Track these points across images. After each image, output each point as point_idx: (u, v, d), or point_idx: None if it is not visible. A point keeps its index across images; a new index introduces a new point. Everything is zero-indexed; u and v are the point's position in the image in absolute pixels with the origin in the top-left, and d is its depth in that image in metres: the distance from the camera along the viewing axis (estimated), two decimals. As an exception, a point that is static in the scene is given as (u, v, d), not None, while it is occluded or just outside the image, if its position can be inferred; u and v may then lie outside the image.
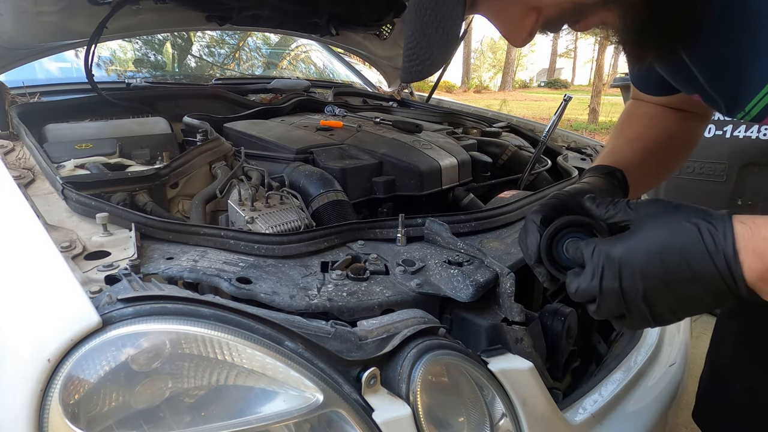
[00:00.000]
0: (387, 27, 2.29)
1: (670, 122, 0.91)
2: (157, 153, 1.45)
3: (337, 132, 1.58)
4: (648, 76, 0.87)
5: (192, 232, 0.85)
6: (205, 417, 0.57)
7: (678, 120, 0.91)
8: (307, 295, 0.73)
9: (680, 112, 0.91)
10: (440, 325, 0.72)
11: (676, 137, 0.91)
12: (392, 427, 0.60)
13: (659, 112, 0.91)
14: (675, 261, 0.52)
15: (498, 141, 1.77)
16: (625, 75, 3.03)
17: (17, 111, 1.42)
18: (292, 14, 2.01)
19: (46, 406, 0.51)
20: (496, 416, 0.71)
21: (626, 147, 0.89)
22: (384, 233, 0.97)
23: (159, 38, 2.60)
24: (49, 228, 0.82)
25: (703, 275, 0.50)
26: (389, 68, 2.68)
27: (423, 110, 2.22)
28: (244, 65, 2.97)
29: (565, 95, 1.60)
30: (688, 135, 0.94)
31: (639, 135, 0.90)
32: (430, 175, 1.34)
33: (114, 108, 1.65)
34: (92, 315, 0.55)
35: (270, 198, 1.08)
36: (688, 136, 0.94)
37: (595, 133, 9.22)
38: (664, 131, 0.90)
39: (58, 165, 1.21)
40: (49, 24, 1.55)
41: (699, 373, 1.16)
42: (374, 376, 0.62)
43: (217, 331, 0.57)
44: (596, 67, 12.80)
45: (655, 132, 0.90)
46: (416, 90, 2.79)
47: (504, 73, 26.79)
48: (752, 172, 2.29)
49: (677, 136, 0.91)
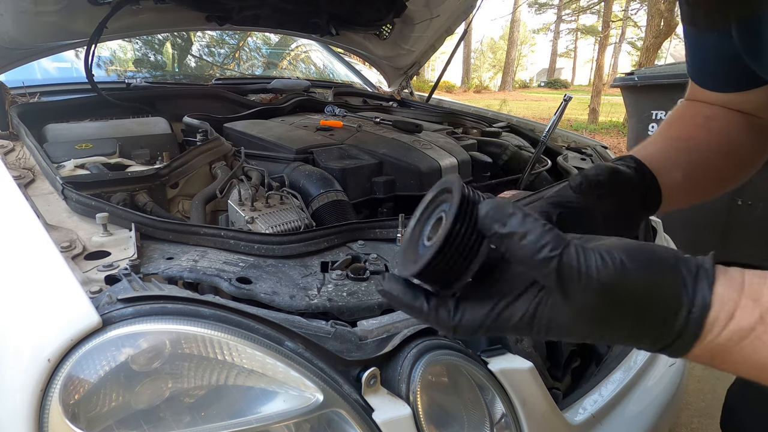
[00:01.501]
0: (387, 27, 2.29)
1: (732, 126, 0.72)
2: (157, 153, 1.46)
3: (337, 132, 1.58)
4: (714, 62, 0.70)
5: (192, 232, 0.85)
6: (205, 417, 0.57)
7: (743, 126, 0.72)
8: (307, 295, 0.73)
9: (746, 117, 0.72)
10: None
11: (739, 143, 0.72)
12: (392, 427, 0.60)
13: (719, 113, 0.73)
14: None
15: (498, 141, 1.77)
16: (626, 75, 3.03)
17: (17, 111, 1.42)
18: (292, 14, 2.01)
19: (46, 406, 0.51)
20: (496, 416, 0.71)
21: (660, 140, 0.71)
22: (384, 233, 0.97)
23: (159, 38, 2.60)
24: (49, 228, 0.82)
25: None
26: (389, 68, 2.68)
27: (423, 110, 2.22)
28: (244, 65, 2.97)
29: (565, 95, 1.60)
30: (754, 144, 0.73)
31: (690, 135, 0.72)
32: (430, 175, 1.34)
33: (114, 108, 1.65)
34: (92, 315, 0.55)
35: (270, 198, 1.08)
36: (753, 145, 0.73)
37: (595, 133, 9.22)
38: (725, 134, 0.71)
39: (58, 165, 1.21)
40: (49, 24, 1.55)
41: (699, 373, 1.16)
42: (374, 376, 0.62)
43: (217, 331, 0.57)
44: (596, 67, 12.80)
45: (711, 135, 0.71)
46: (416, 90, 2.79)
47: (504, 73, 26.81)
48: (752, 172, 2.29)
49: (740, 142, 0.72)
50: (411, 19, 2.27)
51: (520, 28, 31.94)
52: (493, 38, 50.40)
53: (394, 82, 2.72)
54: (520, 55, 44.40)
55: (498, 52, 46.81)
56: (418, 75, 2.82)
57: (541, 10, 26.50)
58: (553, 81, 33.05)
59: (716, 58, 0.69)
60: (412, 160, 1.35)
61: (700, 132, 0.72)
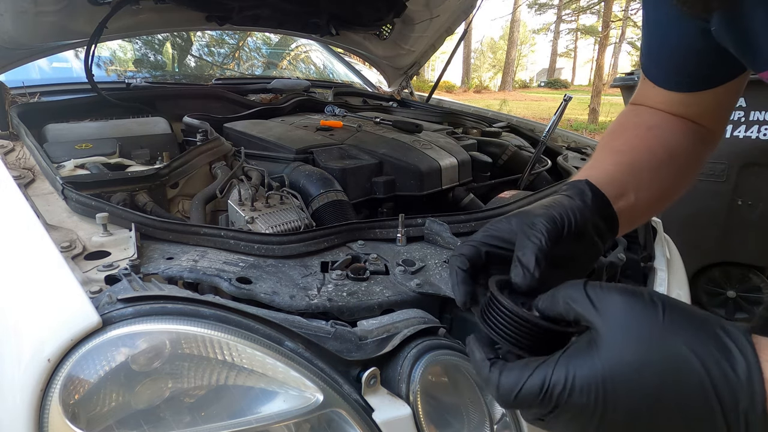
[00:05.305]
0: (387, 27, 2.30)
1: (672, 134, 0.71)
2: (157, 153, 1.46)
3: (337, 132, 1.58)
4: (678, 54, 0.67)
5: (192, 232, 0.85)
6: (205, 417, 0.57)
7: (684, 133, 0.71)
8: (307, 295, 0.73)
9: (688, 125, 0.72)
10: (440, 325, 0.72)
11: (679, 152, 0.70)
12: (392, 427, 0.60)
13: (661, 121, 0.72)
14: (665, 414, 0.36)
15: (498, 141, 1.77)
16: (626, 75, 3.03)
17: (17, 111, 1.42)
18: (292, 14, 2.01)
19: (46, 406, 0.51)
20: (496, 416, 0.71)
21: (609, 159, 0.68)
22: (384, 233, 0.97)
23: (159, 38, 2.60)
24: (49, 228, 0.82)
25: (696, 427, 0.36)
26: (389, 68, 2.68)
27: (423, 110, 2.22)
28: (244, 65, 2.97)
29: (565, 95, 1.61)
30: (694, 152, 0.73)
31: (630, 146, 0.70)
32: (430, 175, 1.34)
33: (114, 108, 1.65)
34: (92, 315, 0.55)
35: (270, 198, 1.08)
36: (693, 153, 0.72)
37: (595, 133, 9.22)
38: (664, 143, 0.70)
39: (58, 165, 1.21)
40: (49, 24, 1.55)
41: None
42: (374, 376, 0.62)
43: (217, 331, 0.57)
44: (596, 67, 12.80)
45: (651, 144, 0.69)
46: (416, 90, 2.79)
47: (504, 73, 26.81)
48: (752, 172, 2.29)
49: (680, 150, 0.70)
50: (411, 19, 2.27)
51: (520, 28, 31.94)
52: (493, 38, 50.44)
53: (394, 82, 2.72)
54: (520, 55, 44.43)
55: (498, 52, 46.82)
56: (418, 75, 2.82)
57: (541, 10, 26.51)
58: (553, 81, 33.03)
59: (683, 50, 0.66)
60: (412, 160, 1.35)
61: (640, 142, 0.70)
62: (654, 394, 0.36)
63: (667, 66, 0.70)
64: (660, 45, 0.69)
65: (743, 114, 2.24)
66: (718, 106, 0.73)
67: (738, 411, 0.34)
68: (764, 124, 2.21)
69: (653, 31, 0.70)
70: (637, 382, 0.36)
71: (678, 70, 0.69)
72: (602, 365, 0.37)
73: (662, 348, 0.37)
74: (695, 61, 0.65)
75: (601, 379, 0.37)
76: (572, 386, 0.38)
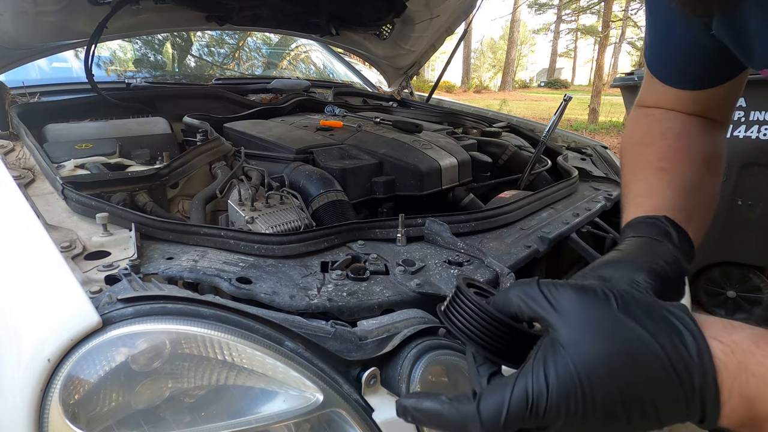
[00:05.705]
0: (387, 27, 2.29)
1: (700, 138, 0.70)
2: (157, 153, 1.46)
3: (337, 132, 1.58)
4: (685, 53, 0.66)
5: (192, 232, 0.85)
6: (205, 417, 0.57)
7: (707, 133, 0.71)
8: (307, 295, 0.73)
9: (705, 124, 0.71)
10: (440, 325, 0.72)
11: (709, 156, 0.70)
12: (392, 427, 0.60)
13: (684, 125, 0.70)
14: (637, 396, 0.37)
15: (498, 141, 1.77)
16: (626, 75, 3.03)
17: (17, 111, 1.42)
18: (292, 14, 2.01)
19: (46, 406, 0.51)
20: (496, 416, 0.71)
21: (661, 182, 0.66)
22: (384, 233, 0.97)
23: (159, 38, 2.60)
24: (49, 228, 0.82)
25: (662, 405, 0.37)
26: (389, 68, 2.68)
27: (423, 110, 2.22)
28: (244, 65, 2.97)
29: (565, 95, 1.60)
30: (718, 149, 0.72)
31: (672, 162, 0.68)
32: (430, 175, 1.34)
33: (114, 108, 1.65)
34: (92, 315, 0.55)
35: (270, 198, 1.08)
36: (718, 150, 0.72)
37: (595, 133, 9.22)
38: (698, 151, 0.69)
39: (58, 165, 1.21)
40: (49, 24, 1.55)
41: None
42: (374, 376, 0.62)
43: (217, 331, 0.57)
44: (596, 67, 12.79)
45: (688, 156, 0.68)
46: (416, 90, 2.79)
47: (504, 73, 26.80)
48: (752, 172, 2.29)
49: (711, 155, 0.70)
50: (411, 19, 2.27)
51: (520, 28, 31.94)
52: (493, 38, 50.47)
53: (394, 82, 2.72)
54: (520, 55, 44.44)
55: (498, 52, 46.84)
56: (418, 75, 2.82)
57: (541, 10, 26.51)
58: (553, 81, 33.04)
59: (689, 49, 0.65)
60: (412, 160, 1.35)
61: (678, 155, 0.69)
62: (625, 379, 0.37)
63: (674, 63, 0.69)
64: (672, 45, 0.68)
65: (743, 114, 2.23)
66: (729, 96, 0.73)
67: (694, 386, 0.37)
68: (764, 124, 2.21)
69: (664, 30, 0.69)
70: (609, 372, 0.38)
71: (685, 68, 0.68)
72: (573, 362, 0.38)
73: (623, 337, 0.38)
74: (701, 58, 0.65)
75: (576, 375, 0.38)
76: (554, 390, 0.38)
